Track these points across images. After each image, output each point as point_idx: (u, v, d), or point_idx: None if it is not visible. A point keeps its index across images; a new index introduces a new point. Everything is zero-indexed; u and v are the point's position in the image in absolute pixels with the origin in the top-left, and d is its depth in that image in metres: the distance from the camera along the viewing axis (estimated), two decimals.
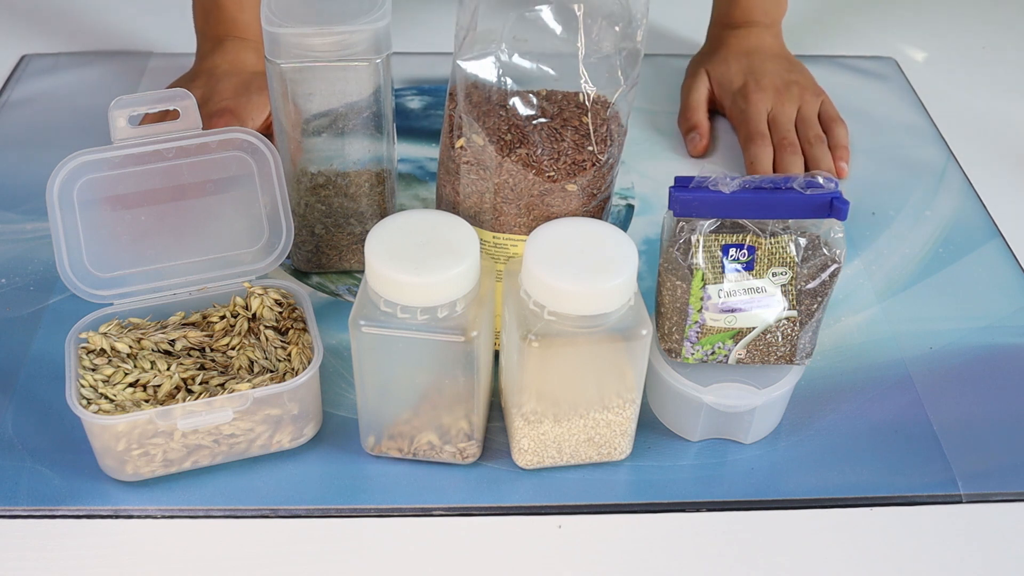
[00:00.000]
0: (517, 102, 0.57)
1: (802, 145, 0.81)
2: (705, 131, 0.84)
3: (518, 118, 0.57)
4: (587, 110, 0.57)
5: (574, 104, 0.57)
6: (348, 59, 0.60)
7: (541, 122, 0.57)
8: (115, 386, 0.57)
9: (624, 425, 0.58)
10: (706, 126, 0.84)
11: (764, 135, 0.81)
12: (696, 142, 0.83)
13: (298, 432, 0.59)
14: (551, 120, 0.57)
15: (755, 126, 0.82)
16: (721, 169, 0.56)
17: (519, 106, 0.57)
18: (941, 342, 0.69)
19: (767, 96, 0.83)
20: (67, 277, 0.59)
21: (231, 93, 0.76)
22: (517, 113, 0.57)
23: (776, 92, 0.83)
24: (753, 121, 0.82)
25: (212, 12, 0.82)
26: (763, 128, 0.81)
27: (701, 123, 0.84)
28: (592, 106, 0.57)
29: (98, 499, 0.57)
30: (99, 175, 0.59)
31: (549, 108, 0.57)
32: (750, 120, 0.82)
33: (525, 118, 0.57)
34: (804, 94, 0.84)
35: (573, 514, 0.57)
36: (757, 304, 0.56)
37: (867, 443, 0.62)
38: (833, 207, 0.54)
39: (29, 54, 0.93)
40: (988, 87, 0.96)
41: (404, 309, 0.52)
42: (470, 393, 0.55)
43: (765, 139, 0.81)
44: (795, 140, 0.80)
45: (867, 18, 1.05)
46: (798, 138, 0.81)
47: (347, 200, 0.67)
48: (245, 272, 0.63)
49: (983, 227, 0.79)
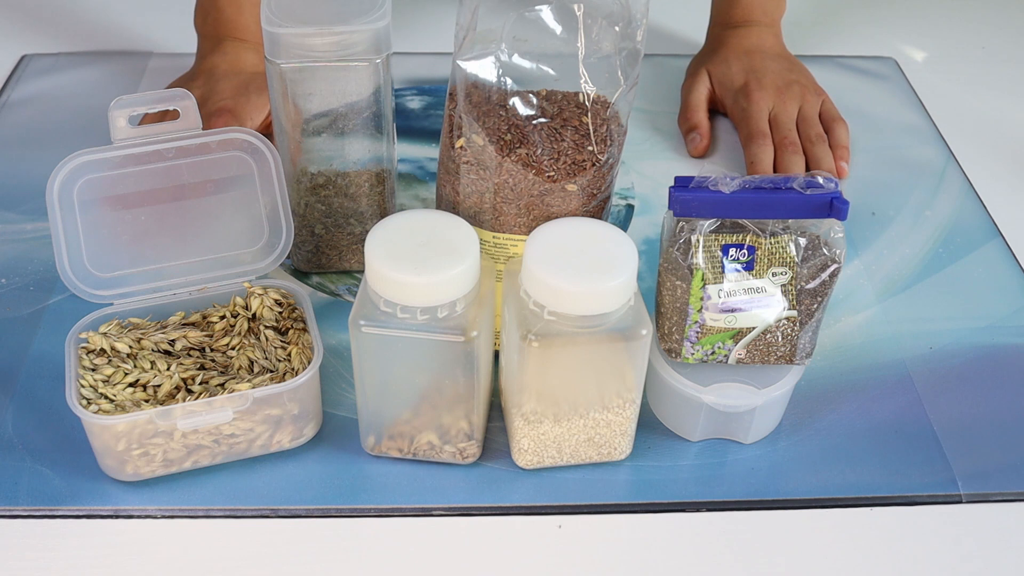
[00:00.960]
0: (517, 102, 0.57)
1: (803, 144, 0.81)
2: (705, 131, 0.84)
3: (518, 118, 0.57)
4: (587, 110, 0.57)
5: (574, 104, 0.57)
6: (348, 59, 0.60)
7: (541, 122, 0.57)
8: (115, 386, 0.57)
9: (624, 425, 0.58)
10: (706, 126, 0.84)
11: (765, 134, 0.81)
12: (697, 142, 0.83)
13: (298, 432, 0.59)
14: (551, 120, 0.57)
15: (756, 125, 0.82)
16: (721, 169, 0.56)
17: (519, 106, 0.57)
18: (941, 342, 0.69)
19: (768, 95, 0.83)
20: (67, 277, 0.59)
21: (230, 93, 0.77)
22: (517, 113, 0.57)
23: (777, 91, 0.84)
24: (754, 120, 0.82)
25: (211, 13, 0.82)
26: (764, 127, 0.81)
27: (701, 123, 0.84)
28: (592, 106, 0.57)
29: (98, 499, 0.57)
30: (99, 175, 0.59)
31: (549, 108, 0.57)
32: (751, 119, 0.82)
33: (525, 118, 0.57)
34: (805, 94, 0.84)
35: (573, 514, 0.57)
36: (757, 304, 0.56)
37: (867, 443, 0.62)
38: (833, 207, 0.54)
39: (29, 54, 0.93)
40: (988, 87, 0.96)
41: (404, 309, 0.52)
42: (470, 393, 0.55)
43: (766, 138, 0.81)
44: (796, 140, 0.81)
45: (867, 18, 1.05)
46: (799, 137, 0.81)
47: (347, 200, 0.67)
48: (245, 272, 0.63)
49: (983, 227, 0.79)
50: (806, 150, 0.81)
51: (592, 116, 0.57)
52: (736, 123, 0.85)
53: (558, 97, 0.58)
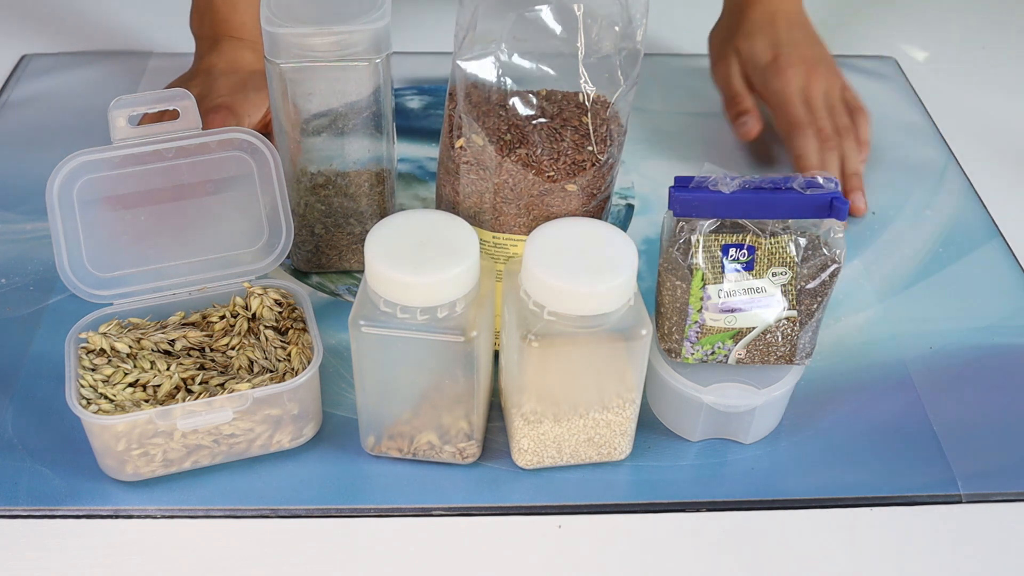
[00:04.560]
0: (517, 102, 0.57)
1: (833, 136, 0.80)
2: (758, 115, 0.83)
3: (518, 118, 0.57)
4: (587, 110, 0.57)
5: (574, 104, 0.57)
6: (348, 59, 0.60)
7: (541, 122, 0.57)
8: (115, 386, 0.57)
9: (624, 425, 0.58)
10: (757, 110, 0.83)
11: (807, 124, 0.80)
12: (749, 126, 0.82)
13: (298, 432, 0.59)
14: (551, 120, 0.57)
15: (796, 112, 0.80)
16: (721, 169, 0.56)
17: (519, 106, 0.57)
18: (941, 342, 0.69)
19: (799, 72, 0.82)
20: (67, 277, 0.59)
21: (228, 91, 0.77)
22: (517, 113, 0.57)
23: (807, 69, 0.83)
24: (792, 104, 0.81)
25: (206, 14, 0.82)
26: (804, 114, 0.80)
27: (752, 107, 0.83)
28: (592, 106, 0.57)
29: (98, 499, 0.57)
30: (99, 175, 0.59)
31: (549, 108, 0.57)
32: (788, 103, 0.81)
33: (525, 118, 0.57)
34: (830, 76, 0.83)
35: (573, 514, 0.57)
36: (757, 304, 0.56)
37: (867, 443, 0.62)
38: (833, 207, 0.54)
39: (29, 54, 0.93)
40: (988, 87, 0.96)
41: (404, 309, 0.52)
42: (470, 393, 0.55)
43: (808, 129, 0.79)
44: (831, 132, 0.80)
45: (867, 18, 1.05)
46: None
47: (347, 200, 0.67)
48: (245, 272, 0.63)
49: (983, 227, 0.79)
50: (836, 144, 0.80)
51: (592, 116, 0.57)
52: (770, 105, 0.83)
53: (558, 97, 0.58)
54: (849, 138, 0.80)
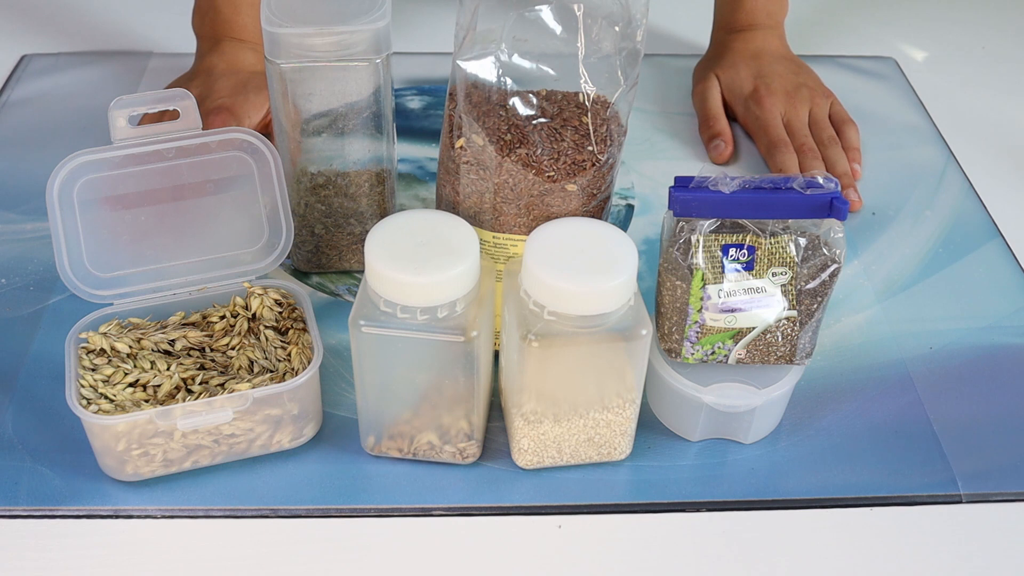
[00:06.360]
0: (517, 102, 0.57)
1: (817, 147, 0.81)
2: (729, 138, 0.84)
3: (518, 118, 0.57)
4: (587, 110, 0.57)
5: (574, 104, 0.57)
6: (348, 59, 0.60)
7: (541, 122, 0.57)
8: (115, 386, 0.57)
9: (624, 425, 0.58)
10: (729, 133, 0.84)
11: (786, 142, 0.81)
12: (721, 149, 0.83)
13: (298, 432, 0.59)
14: (551, 120, 0.57)
15: (776, 133, 0.82)
16: (721, 169, 0.56)
17: (519, 106, 0.57)
18: (941, 342, 0.69)
19: (779, 100, 0.83)
20: (67, 277, 0.59)
21: (228, 92, 0.77)
22: (517, 113, 0.57)
23: (787, 95, 0.84)
24: (772, 128, 0.82)
25: (208, 14, 0.82)
26: (783, 134, 0.81)
27: (724, 130, 0.84)
28: (592, 106, 0.57)
29: (98, 499, 0.57)
30: (99, 175, 0.59)
31: (549, 108, 0.57)
32: (769, 127, 0.82)
33: (525, 118, 0.57)
34: (814, 96, 0.84)
35: (573, 514, 0.57)
36: (757, 304, 0.56)
37: (867, 443, 0.62)
38: (833, 207, 0.54)
39: (29, 54, 0.93)
40: (988, 87, 0.96)
41: (404, 309, 0.52)
42: (470, 393, 0.55)
43: (788, 146, 0.81)
44: (813, 144, 0.81)
45: (867, 18, 1.05)
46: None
47: (347, 200, 0.67)
48: (245, 272, 0.63)
49: (983, 227, 0.79)
50: (820, 153, 0.80)
51: (592, 116, 0.57)
52: (752, 132, 0.85)
53: (558, 97, 0.58)
54: (835, 147, 0.81)
